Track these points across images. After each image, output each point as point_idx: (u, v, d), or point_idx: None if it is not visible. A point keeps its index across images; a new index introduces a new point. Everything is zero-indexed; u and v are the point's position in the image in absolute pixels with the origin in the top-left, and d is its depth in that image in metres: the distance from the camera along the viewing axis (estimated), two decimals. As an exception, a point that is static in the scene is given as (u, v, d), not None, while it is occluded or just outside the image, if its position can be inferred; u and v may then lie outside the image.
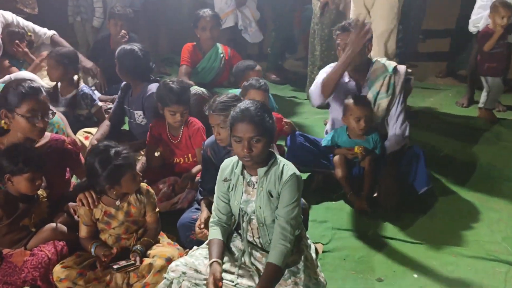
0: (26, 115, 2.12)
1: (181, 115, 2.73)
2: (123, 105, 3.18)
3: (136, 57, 3.05)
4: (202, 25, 3.78)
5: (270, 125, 1.90)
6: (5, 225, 2.10)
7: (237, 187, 1.98)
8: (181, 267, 1.89)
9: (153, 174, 2.84)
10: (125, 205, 2.16)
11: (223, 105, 2.35)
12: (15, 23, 3.82)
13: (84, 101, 3.30)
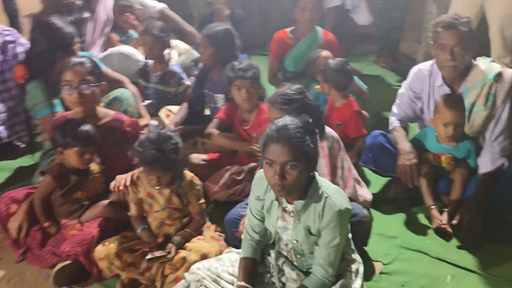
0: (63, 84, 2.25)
1: (247, 91, 2.60)
2: (201, 88, 3.13)
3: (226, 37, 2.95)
4: (301, 5, 3.44)
5: (311, 149, 1.62)
6: (59, 196, 2.23)
7: (271, 210, 1.78)
8: (202, 271, 1.81)
9: (221, 160, 2.79)
10: (167, 191, 2.14)
11: (284, 98, 2.16)
12: (123, -5, 3.99)
13: (172, 79, 3.33)
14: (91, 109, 2.35)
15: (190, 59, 4.01)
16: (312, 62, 3.27)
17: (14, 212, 2.29)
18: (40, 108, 2.60)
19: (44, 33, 2.65)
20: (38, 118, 2.63)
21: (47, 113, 2.58)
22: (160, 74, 3.33)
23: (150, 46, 3.23)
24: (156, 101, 3.36)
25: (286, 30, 3.58)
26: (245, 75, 2.59)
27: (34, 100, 2.60)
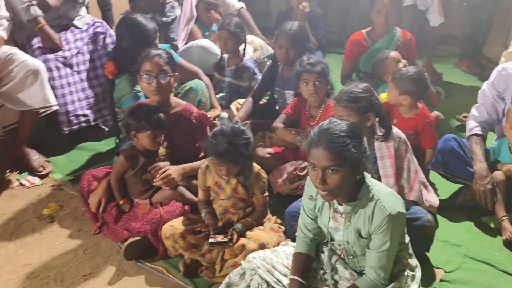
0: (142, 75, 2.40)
1: (313, 85, 2.63)
2: (268, 84, 3.18)
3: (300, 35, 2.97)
4: (377, 8, 3.34)
5: (354, 154, 1.58)
6: (131, 176, 2.40)
7: (323, 210, 1.80)
8: (257, 261, 1.86)
9: (286, 154, 2.84)
10: (234, 181, 2.22)
11: (349, 96, 2.16)
12: (209, -8, 4.17)
13: (245, 73, 3.43)
14: (167, 97, 2.50)
15: (265, 55, 4.10)
16: (380, 62, 3.20)
17: (94, 188, 2.50)
18: (126, 99, 2.77)
19: (129, 29, 2.80)
20: (124, 108, 2.80)
21: (132, 104, 2.71)
22: (234, 69, 3.44)
23: (225, 41, 3.35)
24: (228, 94, 3.49)
25: (362, 32, 3.51)
26: (312, 69, 2.62)
27: (121, 92, 2.79)
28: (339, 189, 1.62)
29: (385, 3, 3.32)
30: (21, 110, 2.90)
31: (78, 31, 3.32)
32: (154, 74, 2.41)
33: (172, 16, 3.73)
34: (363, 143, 1.64)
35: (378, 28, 3.44)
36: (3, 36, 2.89)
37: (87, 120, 3.27)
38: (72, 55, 3.21)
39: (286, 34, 2.96)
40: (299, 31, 2.98)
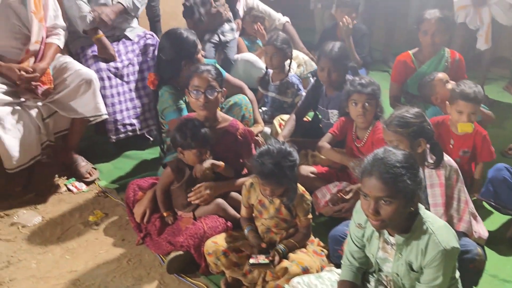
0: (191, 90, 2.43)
1: (362, 107, 2.59)
2: (311, 103, 3.17)
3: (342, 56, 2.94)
4: (424, 28, 3.25)
5: (409, 186, 1.53)
6: (176, 188, 2.43)
7: (372, 239, 1.76)
8: (301, 286, 1.85)
9: (329, 174, 2.82)
10: (278, 202, 2.21)
11: (400, 121, 2.13)
12: (255, 6, 4.20)
13: (290, 89, 3.44)
14: (214, 112, 2.52)
15: (309, 70, 4.10)
16: (427, 84, 3.14)
17: (140, 198, 2.54)
18: (168, 112, 2.80)
19: (171, 42, 2.84)
20: (167, 120, 2.84)
21: (175, 117, 2.77)
22: (278, 84, 3.45)
23: (271, 56, 3.36)
24: (271, 108, 3.50)
25: (409, 53, 3.43)
26: (363, 90, 2.58)
27: (164, 104, 2.82)
28: (391, 221, 1.58)
29: (432, 24, 3.23)
30: (72, 118, 2.99)
31: (130, 42, 3.41)
32: (202, 89, 2.43)
33: (230, 37, 3.78)
34: (418, 174, 1.60)
35: (425, 49, 3.35)
36: (60, 45, 3.00)
37: (134, 129, 3.34)
38: (123, 66, 3.29)
39: (327, 56, 2.93)
40: (340, 52, 2.94)
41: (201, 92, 2.43)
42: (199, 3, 3.60)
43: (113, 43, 3.37)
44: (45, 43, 2.92)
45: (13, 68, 2.76)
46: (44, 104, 2.88)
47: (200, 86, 2.44)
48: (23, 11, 2.81)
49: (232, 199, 2.47)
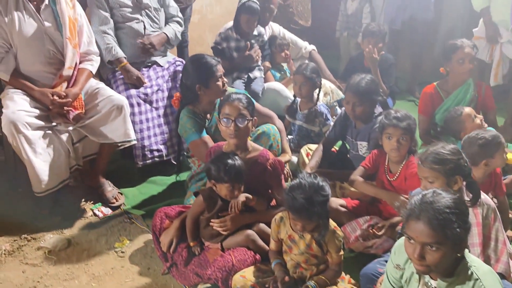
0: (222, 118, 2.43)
1: (397, 141, 2.54)
2: (340, 133, 3.14)
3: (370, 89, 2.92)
4: (459, 57, 3.23)
5: (457, 234, 1.47)
6: (206, 218, 2.40)
7: (411, 282, 1.70)
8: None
9: (359, 208, 2.76)
10: (309, 237, 2.16)
11: (436, 158, 2.09)
12: (281, 34, 4.23)
13: (318, 118, 3.42)
14: (244, 141, 2.50)
15: (335, 99, 4.08)
16: (455, 120, 3.10)
17: (166, 227, 2.52)
18: (188, 135, 2.82)
19: (191, 66, 2.87)
20: (188, 143, 2.86)
21: (194, 139, 2.79)
22: (306, 113, 3.44)
23: (300, 86, 3.36)
24: (298, 137, 3.48)
25: (434, 84, 3.41)
26: (398, 124, 2.53)
27: (183, 128, 2.84)
28: (438, 267, 1.53)
29: (467, 52, 3.22)
30: (101, 143, 3.01)
31: (160, 69, 3.45)
32: (232, 117, 2.42)
33: (258, 75, 3.83)
34: (468, 220, 1.54)
35: (454, 79, 3.33)
36: (92, 70, 3.04)
37: (161, 155, 3.34)
38: (153, 92, 3.33)
39: (352, 89, 2.91)
40: (366, 86, 2.91)
41: (231, 120, 2.42)
42: (233, 48, 3.66)
43: (144, 69, 3.42)
44: (78, 69, 2.96)
45: (47, 93, 2.80)
46: (75, 129, 2.91)
47: (230, 114, 2.43)
48: (58, 37, 2.87)
49: (261, 230, 2.43)
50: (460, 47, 3.28)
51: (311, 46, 4.34)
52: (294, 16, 5.13)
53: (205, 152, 2.73)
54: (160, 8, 3.51)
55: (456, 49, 3.28)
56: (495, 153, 2.52)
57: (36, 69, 2.88)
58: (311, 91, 3.42)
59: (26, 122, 2.67)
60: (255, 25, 3.75)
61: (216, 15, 5.26)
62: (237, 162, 2.32)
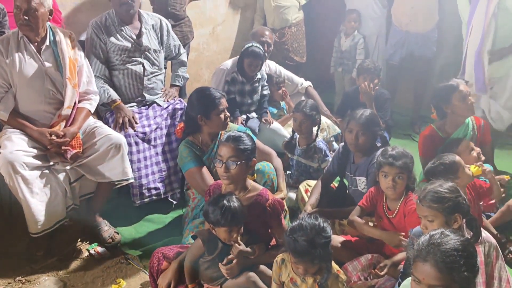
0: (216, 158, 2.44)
1: (393, 180, 2.53)
2: (338, 169, 3.14)
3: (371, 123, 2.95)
4: (460, 96, 3.15)
5: (467, 276, 1.46)
6: (206, 260, 2.35)
7: None
8: None
9: (359, 245, 2.74)
10: (311, 281, 2.12)
11: (434, 196, 2.08)
12: (277, 72, 4.28)
13: (317, 154, 3.43)
14: (240, 182, 2.46)
15: (331, 134, 4.10)
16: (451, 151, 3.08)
17: (164, 268, 2.46)
18: (184, 163, 2.83)
19: (195, 97, 2.92)
20: (184, 172, 2.86)
21: (190, 167, 2.80)
22: (305, 148, 3.45)
23: (300, 123, 3.39)
24: (297, 173, 3.49)
25: (432, 127, 3.37)
26: (394, 163, 2.53)
27: (180, 156, 2.86)
28: None
29: (465, 90, 3.17)
30: (99, 181, 2.99)
31: (159, 108, 3.48)
32: (224, 159, 2.39)
33: (254, 115, 3.93)
34: (476, 263, 1.53)
35: (453, 120, 3.27)
36: (91, 110, 3.06)
37: (158, 193, 3.32)
38: (151, 131, 3.33)
39: (356, 119, 2.95)
40: (370, 117, 2.97)
41: (222, 162, 2.40)
42: (237, 91, 3.82)
43: (143, 107, 3.44)
44: (76, 108, 2.97)
45: (45, 133, 2.80)
46: (72, 168, 2.90)
47: (222, 156, 2.40)
48: (58, 77, 2.90)
49: (261, 273, 2.38)
50: (457, 86, 3.22)
51: (307, 82, 4.40)
52: (290, 53, 5.21)
53: (200, 181, 2.73)
54: (160, 50, 3.56)
55: (454, 90, 3.21)
56: (457, 173, 2.61)
57: (35, 109, 2.89)
58: (311, 128, 3.45)
59: (23, 162, 2.66)
60: (259, 69, 3.82)
61: (213, 52, 5.35)
62: (234, 205, 2.27)
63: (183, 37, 4.50)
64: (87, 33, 3.38)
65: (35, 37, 2.84)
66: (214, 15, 5.23)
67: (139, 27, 3.47)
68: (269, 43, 4.12)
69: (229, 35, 5.42)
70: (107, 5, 3.46)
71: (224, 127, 2.92)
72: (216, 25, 5.29)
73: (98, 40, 3.34)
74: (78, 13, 4.27)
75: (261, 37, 4.09)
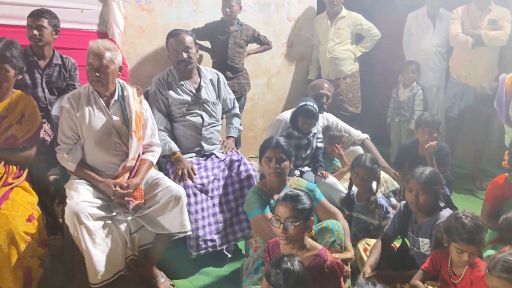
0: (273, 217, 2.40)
1: (468, 256, 2.39)
2: (399, 229, 3.01)
3: (434, 181, 2.84)
4: None
5: None
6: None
7: None
8: None
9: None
10: None
11: (504, 266, 1.97)
12: (334, 124, 4.25)
13: (377, 210, 3.33)
14: (298, 241, 2.41)
15: (389, 189, 3.99)
16: None
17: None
18: (251, 209, 2.83)
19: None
20: (250, 219, 2.86)
21: (256, 214, 2.79)
22: (365, 204, 3.36)
23: (361, 177, 3.32)
24: (356, 230, 3.37)
25: (506, 175, 3.26)
26: (473, 241, 2.35)
27: (247, 202, 2.88)
28: None
29: None
30: (157, 233, 3.01)
31: (217, 159, 3.51)
32: (281, 219, 2.34)
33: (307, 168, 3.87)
34: None
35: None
36: (153, 161, 3.13)
37: (214, 245, 3.30)
38: (209, 182, 3.36)
39: (416, 177, 2.84)
40: (430, 176, 2.85)
41: (280, 222, 2.35)
42: (293, 146, 3.73)
43: (201, 158, 3.49)
44: (140, 159, 3.05)
45: (110, 184, 2.88)
46: (133, 219, 2.94)
47: (280, 216, 2.36)
48: (124, 130, 3.00)
49: None
50: None
51: (364, 134, 4.33)
52: (344, 103, 5.20)
53: (267, 229, 2.70)
54: (217, 102, 3.66)
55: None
56: None
57: (101, 160, 2.99)
58: (370, 182, 3.37)
59: (88, 213, 2.72)
60: (312, 126, 3.81)
61: (267, 102, 5.43)
62: (297, 269, 2.21)
63: (240, 88, 4.62)
64: (151, 89, 3.53)
65: (105, 92, 2.98)
66: (270, 66, 5.34)
67: (199, 81, 3.58)
68: (328, 95, 4.12)
69: (284, 85, 5.50)
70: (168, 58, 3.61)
71: (272, 177, 2.90)
72: (271, 76, 5.39)
73: (160, 95, 3.48)
74: (143, 66, 4.51)
75: (320, 89, 4.10)
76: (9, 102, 2.95)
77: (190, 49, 3.47)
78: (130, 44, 4.45)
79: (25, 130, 2.98)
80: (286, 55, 5.43)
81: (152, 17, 4.53)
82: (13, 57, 2.90)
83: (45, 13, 3.44)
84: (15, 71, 2.93)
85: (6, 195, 2.80)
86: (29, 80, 3.43)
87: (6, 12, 3.78)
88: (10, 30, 3.60)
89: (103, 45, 2.92)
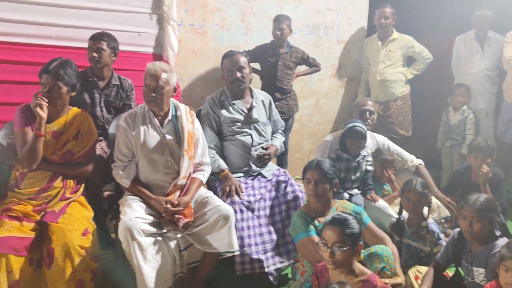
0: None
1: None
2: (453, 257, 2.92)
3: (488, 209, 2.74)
4: None
5: None
6: None
7: None
8: None
9: None
10: None
11: None
12: (386, 147, 4.15)
13: (429, 236, 3.22)
14: (346, 266, 2.37)
15: (442, 216, 3.87)
16: None
17: None
18: (297, 232, 2.84)
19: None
20: (296, 242, 2.86)
21: (302, 237, 2.80)
22: (415, 230, 3.26)
23: (412, 202, 3.25)
24: (406, 257, 3.27)
25: None
26: None
27: (293, 225, 2.88)
28: None
29: None
30: (205, 251, 3.04)
31: (264, 180, 3.54)
32: (329, 244, 2.32)
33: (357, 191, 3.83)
34: None
35: None
36: (203, 180, 3.18)
37: (261, 265, 3.28)
38: (255, 200, 3.37)
39: (470, 205, 2.75)
40: (486, 203, 2.76)
41: (327, 247, 2.33)
42: (343, 169, 3.75)
43: (248, 178, 3.52)
44: (190, 178, 3.11)
45: (161, 201, 2.95)
46: (183, 236, 2.98)
47: (327, 240, 2.34)
48: (177, 149, 3.08)
49: None
50: None
51: (418, 160, 4.18)
52: (394, 126, 5.12)
53: (314, 252, 2.68)
54: (268, 123, 3.72)
55: None
56: None
57: (154, 178, 3.07)
58: (421, 207, 3.28)
59: (141, 229, 2.79)
60: (362, 148, 3.77)
61: (315, 124, 5.42)
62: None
63: (288, 109, 4.65)
64: (204, 109, 3.63)
65: (160, 111, 3.09)
66: (318, 88, 5.35)
67: (251, 101, 3.65)
68: (372, 110, 4.09)
69: (332, 107, 5.49)
70: (219, 79, 3.73)
71: (311, 199, 2.92)
72: (320, 98, 5.39)
73: (212, 113, 3.57)
74: (194, 86, 4.63)
75: (363, 106, 4.10)
76: (65, 119, 3.10)
77: (244, 69, 3.57)
78: (182, 66, 4.59)
79: (81, 146, 3.12)
80: (335, 77, 5.43)
81: (204, 40, 4.66)
82: (66, 74, 3.00)
83: (104, 36, 3.63)
84: (67, 88, 3.04)
85: (64, 209, 2.94)
86: (89, 100, 3.61)
87: (69, 34, 4.00)
88: (72, 52, 3.81)
89: (160, 67, 3.03)
